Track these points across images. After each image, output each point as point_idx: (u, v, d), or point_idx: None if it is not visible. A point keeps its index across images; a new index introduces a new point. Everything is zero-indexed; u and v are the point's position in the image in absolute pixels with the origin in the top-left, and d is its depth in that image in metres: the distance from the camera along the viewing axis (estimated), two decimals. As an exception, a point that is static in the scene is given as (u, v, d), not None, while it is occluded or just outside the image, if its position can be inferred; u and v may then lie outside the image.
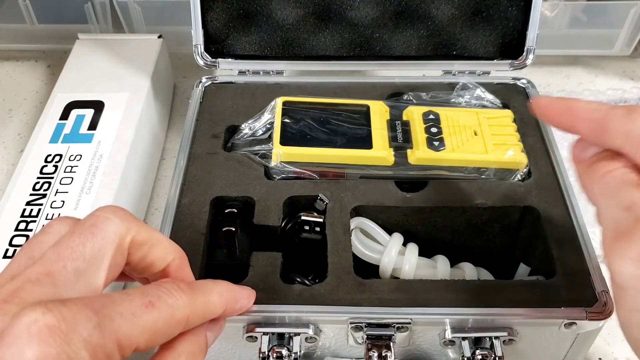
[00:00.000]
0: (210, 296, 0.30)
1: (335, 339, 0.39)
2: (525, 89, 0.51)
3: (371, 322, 0.36)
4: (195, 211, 0.42)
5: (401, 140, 0.45)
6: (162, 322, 0.26)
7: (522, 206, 0.43)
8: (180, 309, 0.27)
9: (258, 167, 0.45)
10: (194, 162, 0.46)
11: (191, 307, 0.28)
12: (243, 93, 0.51)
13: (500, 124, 0.47)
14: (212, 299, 0.30)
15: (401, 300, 0.37)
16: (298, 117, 0.47)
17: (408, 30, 0.52)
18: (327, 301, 0.37)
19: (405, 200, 0.43)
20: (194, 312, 0.28)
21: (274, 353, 0.37)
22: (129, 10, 0.64)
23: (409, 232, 0.44)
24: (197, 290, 0.29)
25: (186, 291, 0.28)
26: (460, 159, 0.44)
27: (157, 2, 0.63)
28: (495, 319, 0.36)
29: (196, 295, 0.29)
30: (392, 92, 0.51)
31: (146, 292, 0.27)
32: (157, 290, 0.27)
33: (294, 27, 0.52)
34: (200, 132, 0.48)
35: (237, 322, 0.37)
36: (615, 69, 0.69)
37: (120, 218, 0.28)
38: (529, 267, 0.44)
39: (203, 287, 0.30)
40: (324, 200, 0.43)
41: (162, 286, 0.27)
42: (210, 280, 0.31)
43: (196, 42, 0.51)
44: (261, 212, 0.42)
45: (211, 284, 0.31)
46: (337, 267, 0.39)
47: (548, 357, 0.41)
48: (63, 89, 0.56)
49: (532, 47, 0.51)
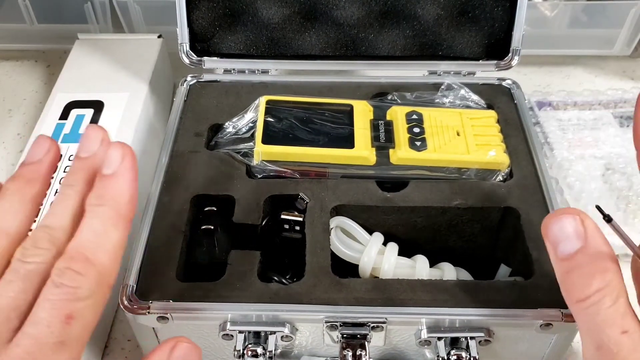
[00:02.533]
0: (109, 240, 0.27)
1: (312, 337, 0.39)
2: (510, 90, 0.51)
3: (346, 321, 0.36)
4: (175, 209, 0.42)
5: (383, 140, 0.45)
6: (90, 317, 0.26)
7: (502, 207, 0.43)
8: (95, 291, 0.26)
9: (240, 165, 0.45)
10: (176, 160, 0.46)
11: (102, 277, 0.26)
12: (228, 92, 0.51)
13: (483, 125, 0.47)
14: (113, 240, 0.27)
15: (377, 299, 0.37)
16: (281, 116, 0.47)
17: (394, 31, 0.52)
18: (304, 300, 0.37)
19: (386, 200, 0.43)
20: (107, 275, 0.27)
21: (249, 351, 0.37)
22: (128, 10, 0.64)
23: (390, 231, 0.44)
24: (95, 253, 0.27)
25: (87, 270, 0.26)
26: (442, 159, 0.44)
27: (157, 2, 0.63)
28: (471, 319, 0.36)
29: (98, 260, 0.26)
30: (377, 92, 0.51)
31: (54, 305, 0.25)
32: (62, 295, 0.25)
33: (280, 27, 0.52)
34: (184, 130, 0.48)
35: (213, 320, 0.37)
36: (615, 69, 0.69)
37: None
38: (510, 268, 0.43)
39: (96, 241, 0.27)
40: (304, 199, 0.43)
41: (64, 285, 0.25)
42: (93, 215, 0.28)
43: (181, 40, 0.51)
44: (241, 210, 0.42)
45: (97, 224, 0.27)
46: (315, 266, 0.39)
47: (526, 359, 0.40)
48: (63, 89, 0.56)
49: (517, 47, 0.51)
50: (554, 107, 0.60)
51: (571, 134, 0.57)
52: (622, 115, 0.59)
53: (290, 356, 0.40)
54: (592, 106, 0.60)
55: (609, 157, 0.55)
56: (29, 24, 0.67)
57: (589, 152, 0.56)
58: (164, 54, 0.62)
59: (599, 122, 0.58)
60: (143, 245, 0.40)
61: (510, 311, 0.36)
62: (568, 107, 0.60)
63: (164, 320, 0.36)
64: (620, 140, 0.56)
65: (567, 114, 0.59)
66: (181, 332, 0.39)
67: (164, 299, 0.37)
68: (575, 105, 0.61)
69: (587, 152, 0.56)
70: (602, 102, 0.61)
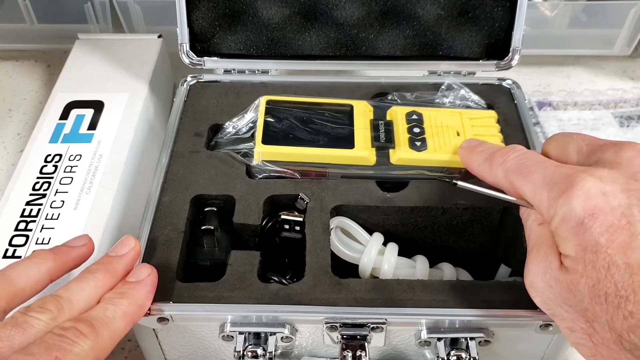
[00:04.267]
0: (114, 325, 0.30)
1: (312, 338, 0.39)
2: (510, 90, 0.51)
3: (346, 322, 0.36)
4: (175, 209, 0.42)
5: (383, 140, 0.45)
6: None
7: (502, 207, 0.43)
8: (88, 355, 0.28)
9: (240, 165, 0.45)
10: (176, 160, 0.46)
11: (98, 348, 0.28)
12: (228, 92, 0.51)
13: (483, 125, 0.47)
14: (117, 327, 0.31)
15: (377, 300, 0.37)
16: (281, 116, 0.46)
17: (394, 31, 0.52)
18: (304, 301, 0.37)
19: (386, 200, 0.43)
20: (102, 349, 0.29)
21: (249, 352, 0.37)
22: (128, 10, 0.64)
23: (390, 232, 0.44)
24: (100, 326, 0.29)
25: (89, 334, 0.28)
26: (442, 159, 0.44)
27: (157, 2, 0.64)
28: (471, 319, 0.36)
29: (100, 333, 0.29)
30: (377, 92, 0.51)
31: (49, 346, 0.27)
32: (60, 342, 0.27)
33: (280, 27, 0.52)
34: (184, 130, 0.48)
35: (213, 321, 0.37)
36: (615, 69, 0.69)
37: None
38: (510, 268, 0.43)
39: (105, 319, 0.30)
40: (304, 199, 0.43)
41: (64, 336, 0.28)
42: (110, 302, 0.32)
43: (181, 40, 0.51)
44: (241, 210, 0.42)
45: (111, 309, 0.31)
46: (314, 267, 0.39)
47: (526, 359, 0.40)
48: (63, 89, 0.56)
49: (517, 47, 0.50)
50: (554, 107, 0.60)
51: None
52: (622, 115, 0.59)
53: (291, 357, 0.40)
54: (592, 106, 0.60)
55: (609, 157, 0.55)
56: (29, 24, 0.67)
57: (589, 152, 0.55)
58: (164, 54, 0.62)
59: (599, 122, 0.58)
60: (143, 246, 0.40)
61: (510, 312, 0.36)
62: (568, 107, 0.60)
63: (164, 322, 0.36)
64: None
65: (567, 114, 0.60)
66: (181, 333, 0.39)
67: (164, 300, 0.37)
68: (576, 105, 0.61)
69: (587, 152, 0.55)
70: (602, 102, 0.61)
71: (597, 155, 0.33)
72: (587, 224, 0.29)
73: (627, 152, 0.31)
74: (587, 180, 0.30)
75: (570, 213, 0.29)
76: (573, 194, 0.29)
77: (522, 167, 0.34)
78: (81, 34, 0.62)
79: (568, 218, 0.29)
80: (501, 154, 0.36)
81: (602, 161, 0.32)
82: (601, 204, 0.29)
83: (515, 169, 0.34)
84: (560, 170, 0.32)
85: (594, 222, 0.29)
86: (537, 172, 0.33)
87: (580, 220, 0.29)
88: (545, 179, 0.32)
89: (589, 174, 0.30)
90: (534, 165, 0.33)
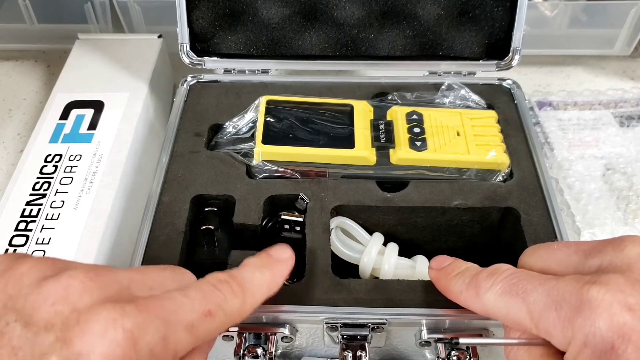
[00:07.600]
0: (258, 294, 0.29)
1: (312, 338, 0.39)
2: (510, 90, 0.51)
3: (346, 322, 0.36)
4: (175, 209, 0.42)
5: (384, 140, 0.45)
6: (214, 332, 0.27)
7: (502, 207, 0.43)
8: (233, 318, 0.27)
9: (240, 165, 0.45)
10: (176, 160, 0.46)
11: (241, 314, 0.28)
12: (228, 92, 0.51)
13: (483, 125, 0.47)
14: (257, 298, 0.29)
15: (377, 300, 0.37)
16: (281, 116, 0.46)
17: (394, 30, 0.52)
18: (304, 301, 0.37)
19: (386, 200, 0.43)
20: (240, 315, 0.28)
21: (249, 352, 0.37)
22: (128, 10, 0.64)
23: (390, 232, 0.44)
24: (248, 292, 0.28)
25: (239, 295, 0.28)
26: (442, 159, 0.44)
27: (157, 2, 0.63)
28: (471, 320, 0.36)
29: (247, 299, 0.28)
30: (377, 92, 0.51)
31: (206, 296, 0.26)
32: (215, 295, 0.27)
33: (280, 27, 0.52)
34: (184, 130, 0.48)
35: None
36: (615, 69, 0.69)
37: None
38: (510, 269, 0.43)
39: (252, 288, 0.29)
40: (304, 199, 0.43)
41: (220, 290, 0.27)
42: (258, 270, 0.30)
43: (181, 40, 0.51)
44: (241, 210, 0.42)
45: (259, 278, 0.29)
46: (314, 267, 0.39)
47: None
48: (63, 89, 0.56)
49: (518, 47, 0.50)
50: (554, 107, 0.60)
51: (571, 134, 0.57)
52: (622, 115, 0.59)
53: (291, 357, 0.40)
54: (592, 106, 0.60)
55: (609, 157, 0.55)
56: (29, 24, 0.67)
57: (589, 152, 0.56)
58: (164, 54, 0.62)
59: (599, 122, 0.58)
60: (143, 246, 0.40)
61: (511, 312, 0.36)
62: (568, 107, 0.60)
63: (164, 321, 0.36)
64: (620, 140, 0.56)
65: (567, 114, 0.60)
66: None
67: (164, 299, 0.36)
68: (576, 105, 0.61)
69: (587, 152, 0.56)
70: (602, 102, 0.61)
71: (594, 259, 0.28)
72: (619, 347, 0.24)
73: (632, 250, 0.27)
74: (603, 292, 0.25)
75: (595, 336, 0.24)
76: (593, 312, 0.25)
77: (515, 287, 0.28)
78: (81, 34, 0.62)
79: (593, 342, 0.25)
80: (488, 277, 0.30)
81: (605, 266, 0.27)
82: (630, 321, 0.24)
83: (508, 290, 0.29)
84: (563, 284, 0.27)
85: (627, 345, 0.24)
86: (534, 290, 0.27)
87: (610, 344, 0.24)
88: (548, 297, 0.27)
89: (601, 284, 0.25)
90: (529, 282, 0.28)
